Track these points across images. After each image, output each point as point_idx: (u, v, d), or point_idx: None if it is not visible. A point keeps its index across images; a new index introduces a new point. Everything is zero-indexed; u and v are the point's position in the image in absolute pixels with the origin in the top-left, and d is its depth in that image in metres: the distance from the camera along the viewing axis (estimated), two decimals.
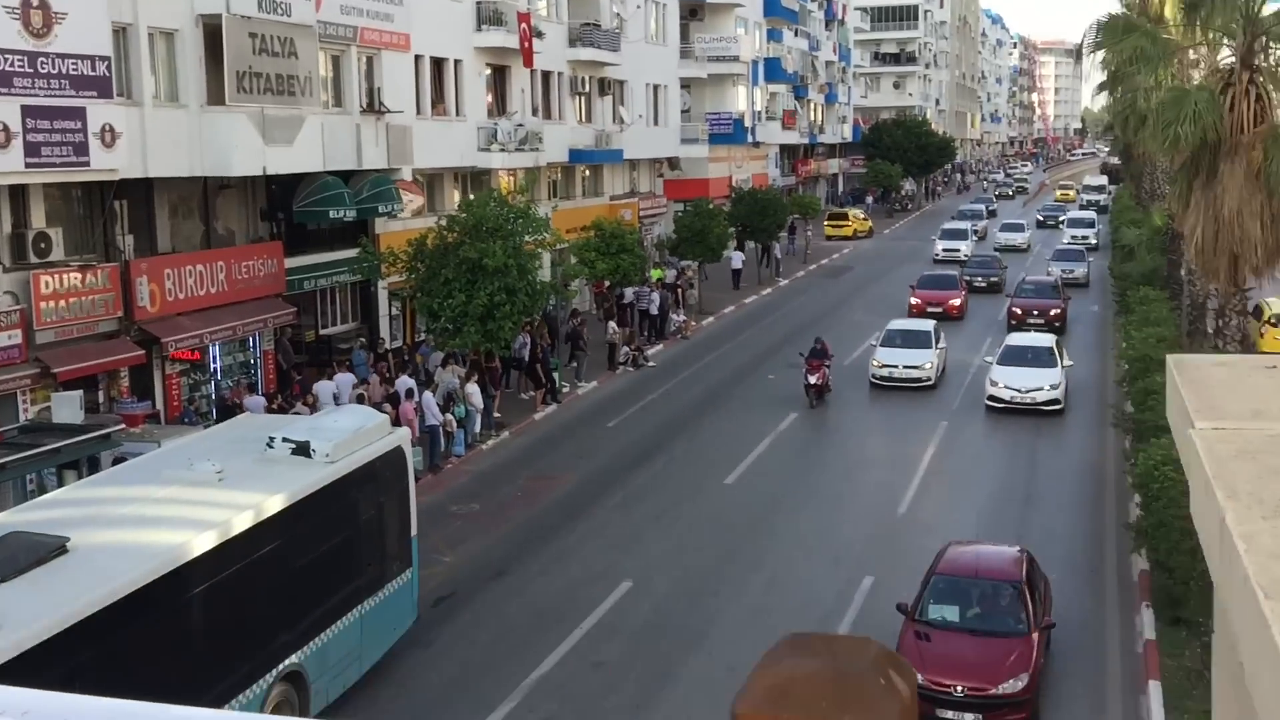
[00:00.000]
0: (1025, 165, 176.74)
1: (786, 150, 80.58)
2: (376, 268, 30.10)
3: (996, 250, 61.69)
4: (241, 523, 13.44)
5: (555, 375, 31.63)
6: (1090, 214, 74.20)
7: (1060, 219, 78.54)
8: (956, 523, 22.53)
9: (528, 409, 30.60)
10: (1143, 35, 19.20)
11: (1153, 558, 17.66)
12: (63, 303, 21.70)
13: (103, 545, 12.37)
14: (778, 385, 33.47)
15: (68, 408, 18.29)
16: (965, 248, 60.61)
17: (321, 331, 30.58)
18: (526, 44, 36.30)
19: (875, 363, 32.77)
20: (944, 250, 60.34)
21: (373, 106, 30.13)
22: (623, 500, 24.04)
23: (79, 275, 22.13)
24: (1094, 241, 64.17)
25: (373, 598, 16.11)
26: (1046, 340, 32.06)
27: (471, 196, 31.44)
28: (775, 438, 28.18)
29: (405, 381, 26.19)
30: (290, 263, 28.08)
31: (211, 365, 26.53)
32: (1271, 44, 17.99)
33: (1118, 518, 22.38)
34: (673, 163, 55.62)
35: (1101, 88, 72.78)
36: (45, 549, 11.83)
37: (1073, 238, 64.40)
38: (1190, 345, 29.41)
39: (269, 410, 24.44)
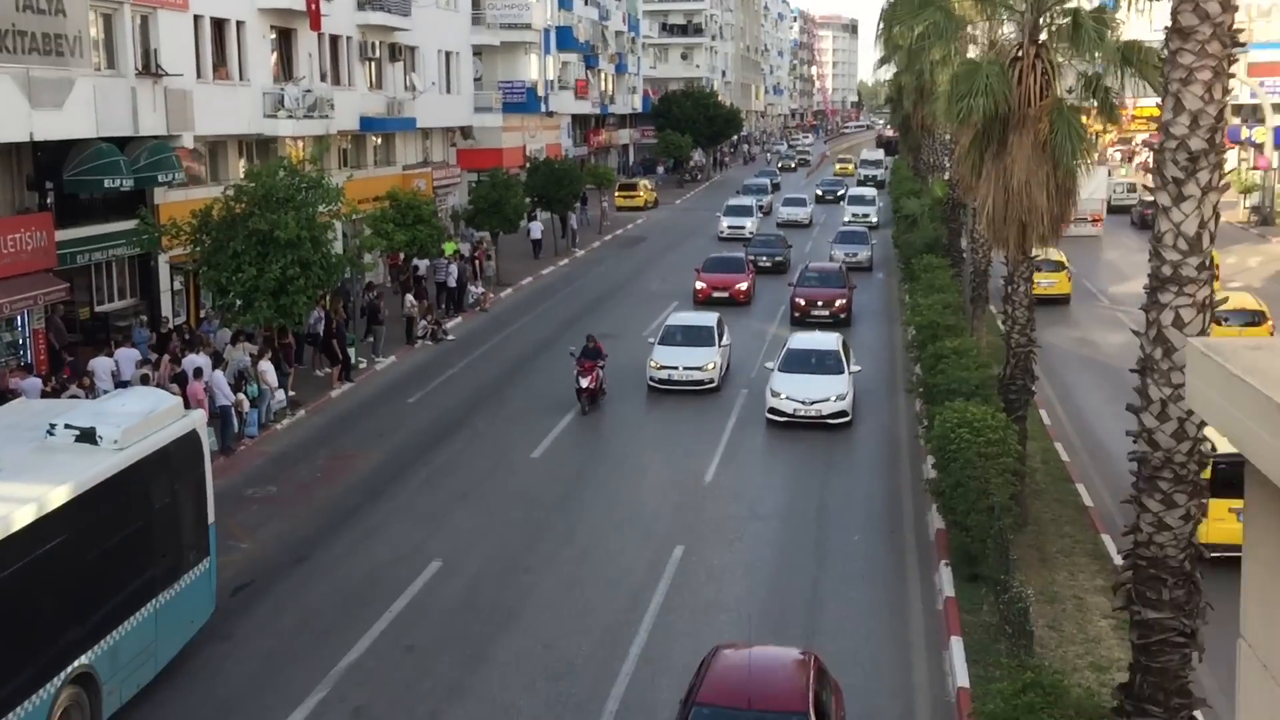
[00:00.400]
0: (807, 137, 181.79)
1: (578, 120, 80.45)
2: (156, 240, 28.58)
3: (780, 226, 60.97)
4: (22, 518, 12.43)
5: (351, 351, 30.71)
6: (870, 190, 71.38)
7: (839, 193, 78.34)
8: (762, 488, 22.93)
9: (323, 386, 29.63)
10: (937, 10, 19.70)
11: (950, 517, 18.25)
12: None
13: None
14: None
15: None
16: (750, 225, 58.41)
17: (97, 308, 28.84)
18: (314, 6, 34.95)
19: (653, 363, 29.43)
20: (729, 228, 58.20)
21: (149, 69, 28.49)
22: (428, 478, 23.51)
23: None
24: (875, 220, 61.92)
25: (168, 591, 15.22)
26: (831, 342, 28.47)
27: (258, 165, 30.08)
28: (579, 411, 28.02)
29: (193, 360, 24.91)
30: (61, 235, 26.31)
31: None
32: (1056, 19, 18.68)
33: (913, 480, 23.15)
34: (465, 132, 54.76)
35: (883, 61, 75.15)
36: None
37: (854, 216, 62.10)
38: (973, 311, 30.68)
39: (45, 394, 22.92)
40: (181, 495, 15.92)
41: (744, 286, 40.86)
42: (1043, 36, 18.83)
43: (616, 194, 71.69)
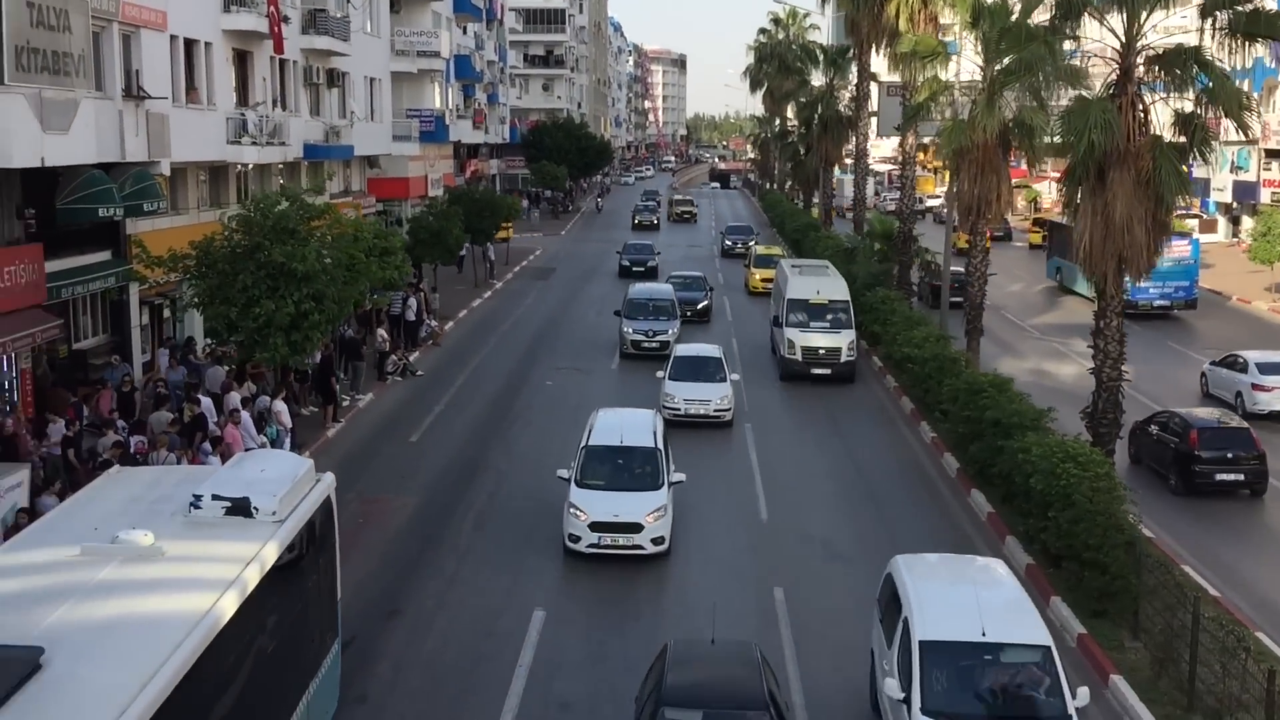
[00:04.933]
0: (646, 169, 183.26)
1: (455, 150, 79.17)
2: (132, 272, 26.89)
3: (673, 412, 28.32)
4: (223, 609, 10.67)
5: (337, 388, 29.34)
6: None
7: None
8: (817, 520, 22.69)
9: (315, 426, 28.15)
10: (1042, 44, 19.99)
11: (1072, 554, 18.18)
12: None
13: (81, 651, 9.58)
14: (563, 391, 32.66)
15: None
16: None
17: (74, 346, 26.80)
18: (276, 28, 33.48)
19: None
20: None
21: (131, 91, 26.72)
22: (476, 521, 22.55)
23: None
24: None
25: (314, 681, 13.68)
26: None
27: (262, 192, 28.54)
28: None
29: (209, 403, 23.36)
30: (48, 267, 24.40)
31: None
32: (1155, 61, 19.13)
33: (966, 514, 23.27)
34: (372, 161, 53.22)
35: (788, 96, 75.67)
36: (17, 665, 9.05)
37: None
38: (970, 343, 31.13)
39: (67, 438, 21.20)
40: (324, 570, 14.49)
41: None
42: (1139, 73, 19.25)
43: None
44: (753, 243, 62.41)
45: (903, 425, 29.90)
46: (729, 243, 66.20)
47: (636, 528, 19.84)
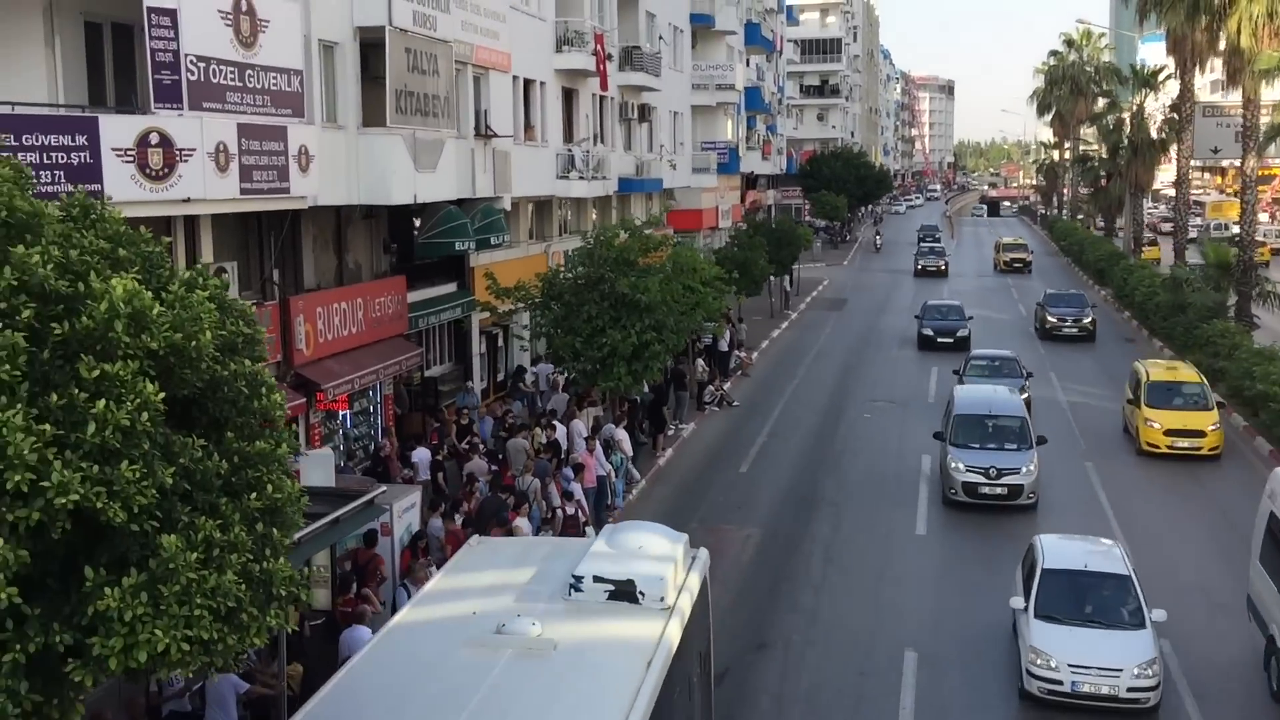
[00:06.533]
0: (915, 197, 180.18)
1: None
2: (474, 302, 28.11)
3: (1049, 689, 15.96)
4: None
5: (667, 416, 29.75)
6: None
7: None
8: (1189, 572, 21.35)
9: (647, 454, 28.58)
10: None
11: None
12: None
13: None
14: (882, 425, 32.14)
15: (320, 469, 15.71)
16: None
17: (425, 373, 28.15)
18: (601, 66, 34.50)
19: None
20: None
21: (479, 130, 27.95)
22: (826, 555, 22.31)
23: None
24: None
25: None
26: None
27: (602, 226, 29.41)
28: (929, 483, 26.71)
29: (579, 427, 24.05)
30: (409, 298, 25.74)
31: (340, 413, 23.99)
32: None
33: None
34: (668, 193, 54.09)
35: (1087, 125, 72.98)
36: None
37: None
38: None
39: (435, 463, 22.22)
40: (705, 656, 13.14)
41: None
42: None
43: None
44: (1087, 317, 43.59)
45: (1261, 467, 27.91)
46: (1052, 319, 44.20)
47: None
